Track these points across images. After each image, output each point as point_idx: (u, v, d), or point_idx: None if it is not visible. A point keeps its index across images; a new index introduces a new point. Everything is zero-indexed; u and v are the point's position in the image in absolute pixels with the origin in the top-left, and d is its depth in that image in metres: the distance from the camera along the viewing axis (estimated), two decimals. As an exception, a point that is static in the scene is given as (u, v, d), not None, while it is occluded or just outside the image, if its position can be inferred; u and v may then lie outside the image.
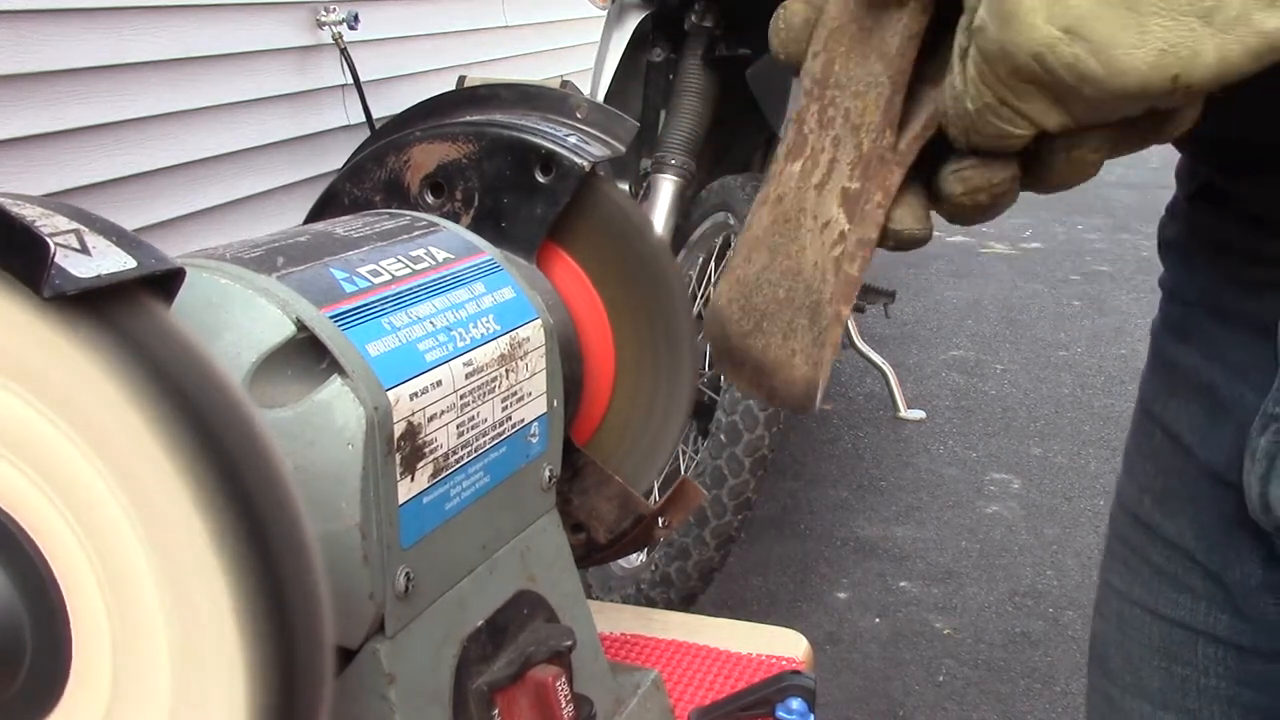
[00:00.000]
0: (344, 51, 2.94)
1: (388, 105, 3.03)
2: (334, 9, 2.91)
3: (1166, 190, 0.65)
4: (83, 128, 2.24)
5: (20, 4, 2.08)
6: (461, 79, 2.98)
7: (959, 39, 0.47)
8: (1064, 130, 0.46)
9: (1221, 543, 0.62)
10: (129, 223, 2.25)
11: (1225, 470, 0.60)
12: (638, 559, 2.34)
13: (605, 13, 2.82)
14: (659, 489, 0.71)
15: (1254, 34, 0.41)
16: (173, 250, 0.44)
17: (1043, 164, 0.48)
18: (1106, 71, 0.42)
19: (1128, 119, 0.45)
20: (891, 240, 0.55)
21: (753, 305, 0.61)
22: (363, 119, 2.98)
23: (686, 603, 2.20)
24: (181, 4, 2.47)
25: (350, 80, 2.96)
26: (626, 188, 2.66)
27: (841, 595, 2.58)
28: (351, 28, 2.96)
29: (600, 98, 2.76)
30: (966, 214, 0.52)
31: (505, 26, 3.82)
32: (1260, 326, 0.58)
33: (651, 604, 2.17)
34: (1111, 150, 0.47)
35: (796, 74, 0.57)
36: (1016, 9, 0.43)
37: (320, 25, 2.91)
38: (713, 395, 2.26)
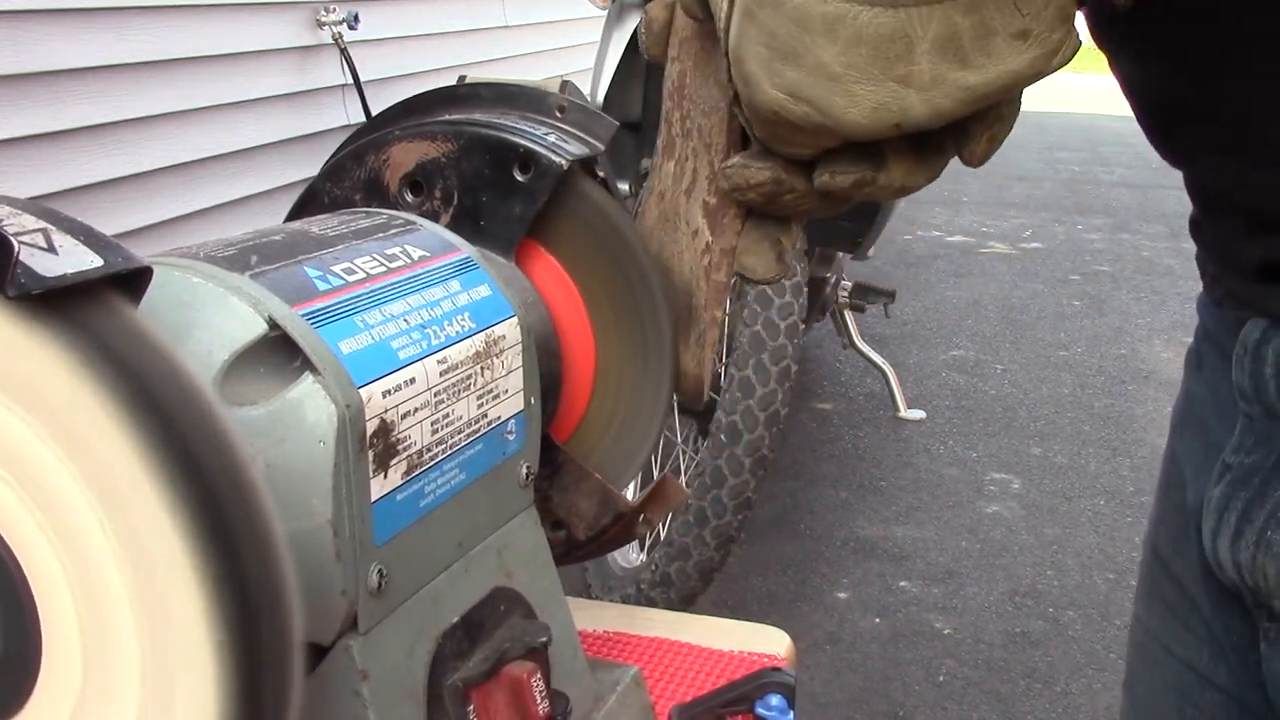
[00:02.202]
0: (344, 51, 2.95)
1: (387, 105, 3.03)
2: (334, 9, 2.92)
3: (1166, 190, 0.65)
4: (82, 128, 2.25)
5: (20, 4, 2.08)
6: (461, 79, 2.97)
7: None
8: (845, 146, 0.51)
9: (1209, 591, 0.60)
10: (128, 223, 2.26)
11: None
12: (638, 559, 2.34)
13: (605, 13, 2.82)
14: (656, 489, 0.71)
15: (957, 89, 0.45)
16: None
17: (820, 184, 0.53)
18: (834, 123, 0.48)
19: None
20: (743, 278, 0.61)
21: None
22: (363, 119, 2.98)
23: (686, 603, 2.20)
24: (181, 4, 2.47)
25: (350, 80, 2.97)
26: (626, 188, 2.66)
27: (841, 595, 2.58)
28: (351, 28, 2.97)
29: (600, 98, 2.77)
30: (761, 209, 0.58)
31: (505, 26, 3.82)
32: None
33: (651, 604, 2.17)
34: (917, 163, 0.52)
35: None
36: (748, 76, 0.49)
37: (320, 25, 2.92)
38: (713, 395, 2.27)
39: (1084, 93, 11.00)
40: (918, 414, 3.49)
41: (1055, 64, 0.46)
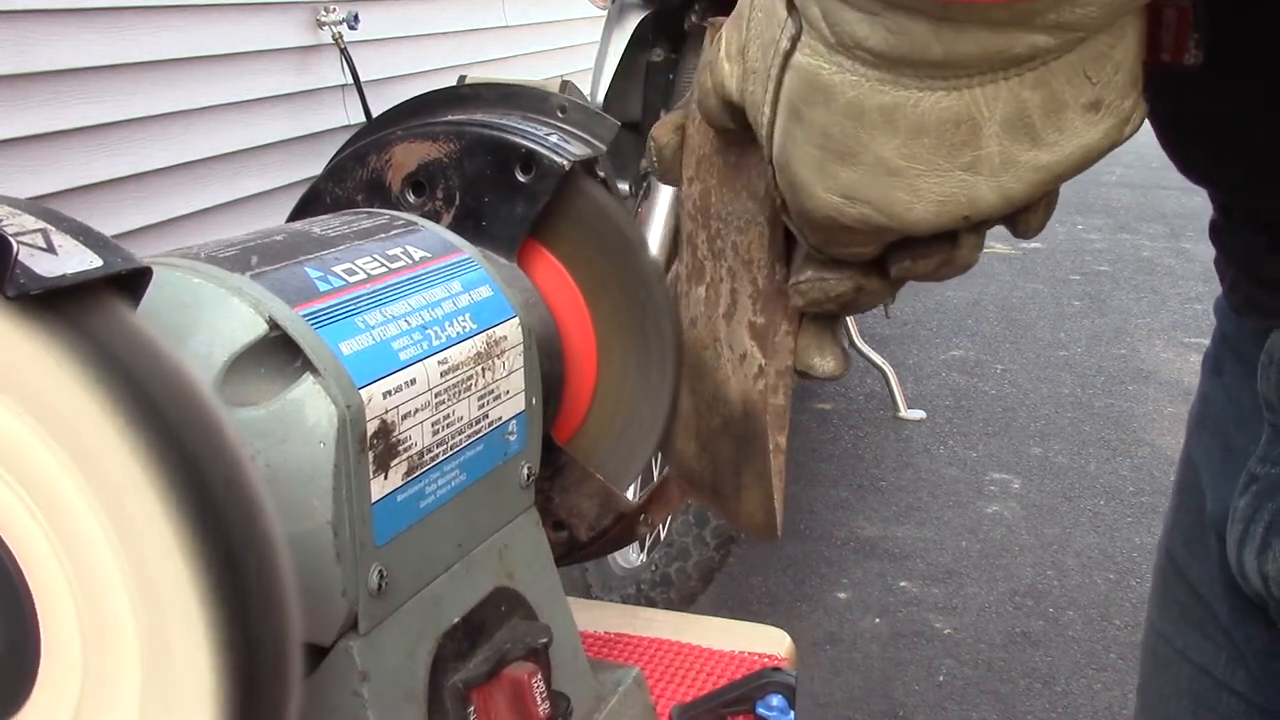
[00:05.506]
0: (344, 51, 2.94)
1: (388, 105, 3.02)
2: (334, 9, 2.92)
3: (1166, 190, 0.64)
4: (82, 128, 2.25)
5: (20, 4, 2.08)
6: (462, 79, 2.97)
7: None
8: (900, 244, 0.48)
9: (1229, 599, 0.59)
10: (128, 223, 2.26)
11: (1225, 523, 0.57)
12: (638, 559, 2.34)
13: (605, 13, 2.82)
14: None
15: (1029, 170, 0.42)
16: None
17: (897, 273, 0.49)
18: (898, 223, 0.44)
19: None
20: (804, 374, 0.57)
21: (698, 430, 0.62)
22: (363, 119, 2.98)
23: (686, 603, 2.20)
24: (181, 4, 2.47)
25: (350, 80, 2.96)
26: (626, 188, 2.66)
27: (841, 595, 2.58)
28: (351, 28, 2.96)
29: (600, 98, 2.76)
30: (830, 314, 0.54)
31: (505, 26, 3.82)
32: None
33: (651, 604, 2.17)
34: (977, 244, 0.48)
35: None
36: (795, 181, 0.46)
37: (320, 25, 2.91)
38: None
39: (1084, 93, 10.96)
40: (918, 414, 3.48)
41: (1127, 133, 0.43)
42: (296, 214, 0.64)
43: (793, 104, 0.44)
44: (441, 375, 0.52)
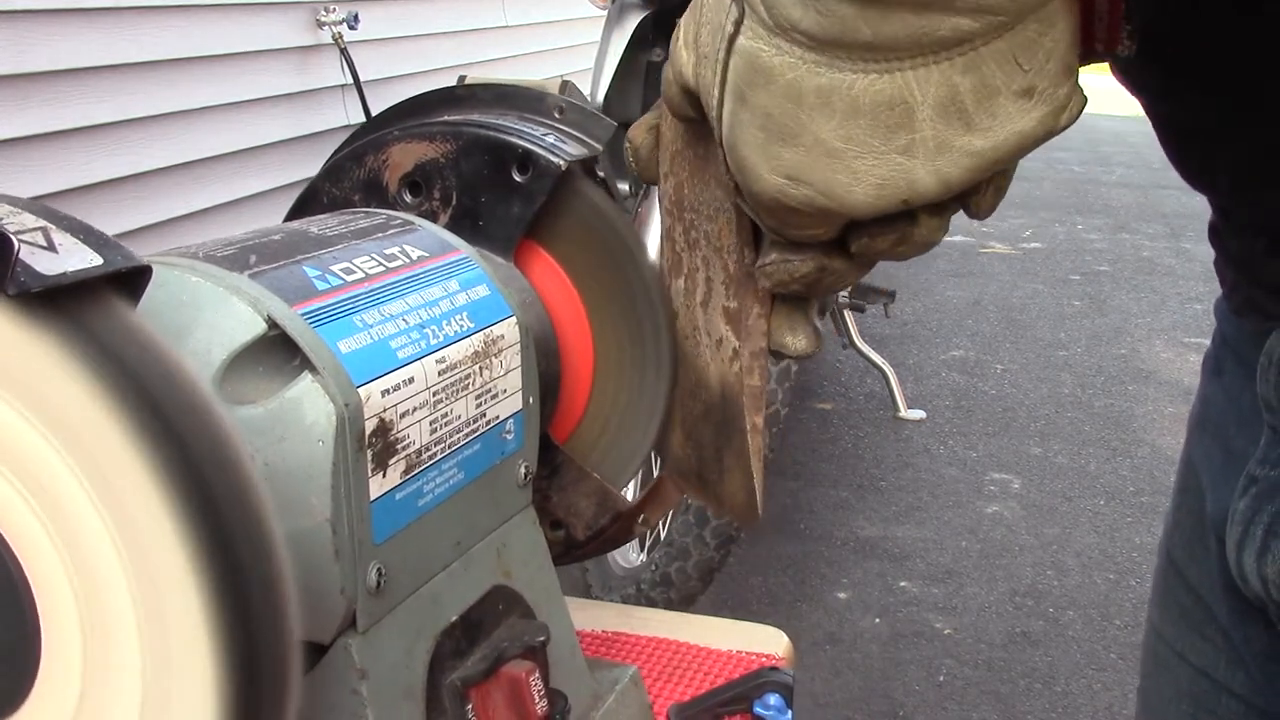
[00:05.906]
0: (344, 51, 2.95)
1: (387, 105, 3.03)
2: (334, 9, 2.92)
3: (1166, 190, 0.64)
4: (83, 128, 2.25)
5: (20, 4, 2.08)
6: (462, 79, 2.97)
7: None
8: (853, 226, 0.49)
9: (1229, 601, 0.59)
10: (129, 223, 2.26)
11: (1225, 525, 0.57)
12: (638, 559, 2.35)
13: (605, 13, 2.82)
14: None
15: (963, 155, 0.43)
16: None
17: (857, 250, 0.50)
18: (839, 205, 0.45)
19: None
20: (778, 354, 0.58)
21: (682, 419, 0.63)
22: (363, 119, 2.99)
23: (687, 603, 2.20)
24: (181, 4, 2.47)
25: (350, 80, 2.97)
26: (626, 188, 2.66)
27: (841, 595, 2.58)
28: (351, 28, 2.97)
29: (600, 98, 2.76)
30: (798, 295, 0.55)
31: (505, 26, 3.82)
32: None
33: (652, 604, 2.17)
34: (939, 226, 0.49)
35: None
36: (743, 163, 0.47)
37: (320, 25, 2.92)
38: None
39: (1084, 93, 10.97)
40: (918, 414, 3.49)
41: (1063, 122, 0.43)
42: (294, 213, 0.65)
43: (737, 87, 0.45)
44: (439, 374, 0.52)
